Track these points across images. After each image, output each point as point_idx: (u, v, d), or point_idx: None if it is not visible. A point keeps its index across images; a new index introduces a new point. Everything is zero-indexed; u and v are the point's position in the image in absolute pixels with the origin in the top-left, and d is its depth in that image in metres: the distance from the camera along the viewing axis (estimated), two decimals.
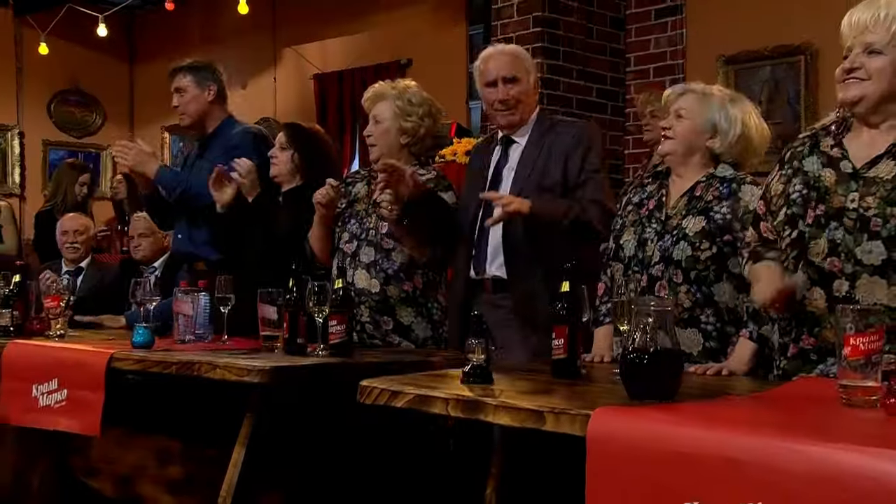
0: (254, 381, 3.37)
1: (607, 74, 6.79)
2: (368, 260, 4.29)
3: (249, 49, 9.39)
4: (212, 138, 5.21)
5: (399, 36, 8.57)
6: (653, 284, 3.35)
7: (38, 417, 4.12)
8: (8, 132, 10.23)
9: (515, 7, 6.51)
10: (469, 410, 2.56)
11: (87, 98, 10.58)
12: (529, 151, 4.11)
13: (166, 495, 4.24)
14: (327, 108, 9.13)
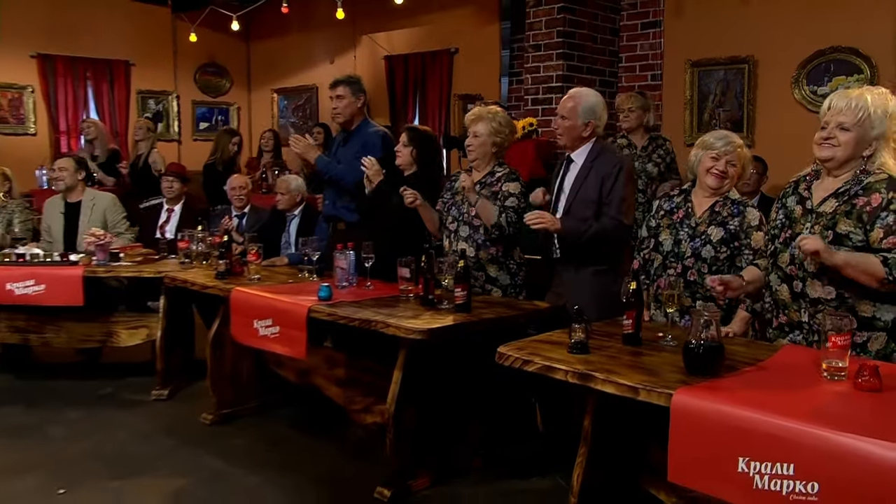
0: (417, 337, 3.50)
1: (606, 69, 6.78)
2: (465, 234, 4.37)
3: (336, 36, 9.27)
4: (353, 134, 5.12)
5: (449, 29, 8.42)
6: (685, 272, 3.46)
7: (259, 342, 4.29)
8: (168, 96, 10.16)
9: (543, 23, 6.49)
10: (583, 379, 2.76)
11: (220, 69, 10.48)
12: (581, 171, 4.08)
13: (333, 387, 4.43)
14: (395, 81, 8.95)
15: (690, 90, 6.46)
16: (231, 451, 4.37)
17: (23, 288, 5.02)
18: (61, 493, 3.88)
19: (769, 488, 2.23)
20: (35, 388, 5.50)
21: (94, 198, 6.13)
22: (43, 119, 9.37)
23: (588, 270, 4.03)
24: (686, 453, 2.44)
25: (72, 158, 6.23)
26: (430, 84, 8.62)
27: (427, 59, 8.61)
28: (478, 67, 8.24)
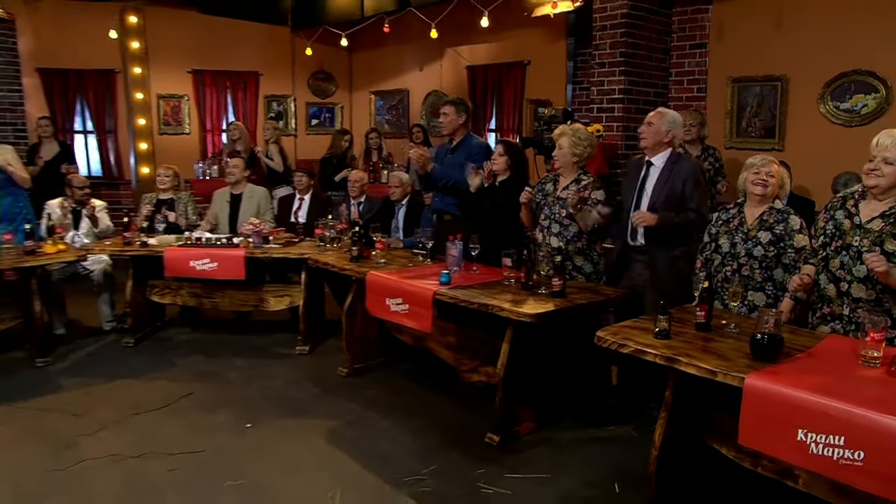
0: (527, 320, 3.67)
1: (658, 83, 6.78)
2: (556, 231, 4.47)
3: (425, 48, 9.23)
4: (458, 146, 5.23)
5: (523, 44, 8.37)
6: (740, 269, 3.60)
7: (391, 315, 4.46)
8: (287, 99, 10.34)
9: (608, 44, 6.53)
10: (669, 362, 2.96)
11: (327, 75, 10.59)
12: (662, 174, 4.14)
13: (445, 350, 4.60)
14: (475, 88, 8.91)
15: (730, 102, 6.47)
16: (365, 399, 4.64)
17: (201, 265, 5.37)
18: (248, 426, 4.21)
19: (823, 454, 2.43)
20: (209, 340, 5.87)
21: (252, 191, 6.41)
22: (195, 121, 9.73)
23: (667, 254, 4.13)
24: (754, 424, 2.63)
25: (242, 159, 6.48)
26: (506, 91, 8.63)
27: (503, 69, 8.60)
28: (547, 76, 8.25)
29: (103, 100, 9.36)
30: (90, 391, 4.77)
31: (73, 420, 4.30)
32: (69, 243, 5.59)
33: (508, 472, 3.67)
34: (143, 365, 5.28)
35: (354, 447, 3.96)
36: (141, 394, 4.71)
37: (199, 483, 3.55)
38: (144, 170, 9.24)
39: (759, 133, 6.25)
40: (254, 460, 3.79)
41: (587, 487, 3.55)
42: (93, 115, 9.39)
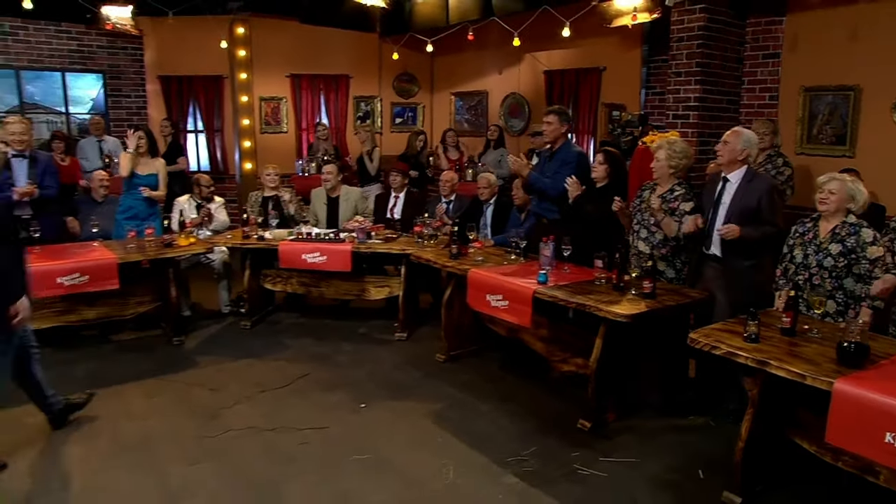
0: (622, 320, 3.81)
1: (731, 90, 6.75)
2: (644, 236, 4.56)
3: (505, 53, 9.27)
4: (557, 152, 5.26)
5: (599, 51, 8.37)
6: (811, 278, 3.69)
7: (491, 310, 4.60)
8: (374, 99, 10.51)
9: (684, 55, 6.56)
10: (760, 364, 3.09)
11: (411, 77, 10.75)
12: (738, 190, 4.18)
13: (537, 342, 4.75)
14: (553, 92, 8.95)
15: (802, 110, 6.42)
16: (462, 384, 4.87)
17: (312, 258, 5.66)
18: (363, 406, 4.49)
19: None
20: (315, 325, 6.20)
21: (348, 193, 6.68)
22: (292, 121, 10.07)
23: (741, 264, 4.17)
24: (842, 425, 2.76)
25: (335, 165, 6.73)
26: (582, 94, 8.67)
27: (580, 74, 8.64)
28: (621, 81, 8.27)
29: (212, 102, 9.78)
30: (221, 368, 5.13)
31: (212, 394, 4.65)
32: (197, 236, 5.94)
33: (601, 456, 3.86)
34: (261, 346, 5.62)
35: (459, 428, 4.19)
36: (264, 373, 5.03)
37: (329, 456, 3.84)
38: (247, 165, 9.64)
39: (830, 140, 6.21)
40: (372, 437, 4.06)
41: (673, 472, 3.71)
42: (203, 115, 9.84)
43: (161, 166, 6.21)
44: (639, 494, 3.48)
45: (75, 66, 9.21)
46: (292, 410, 4.41)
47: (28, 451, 3.90)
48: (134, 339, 5.78)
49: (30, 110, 9.03)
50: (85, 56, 9.23)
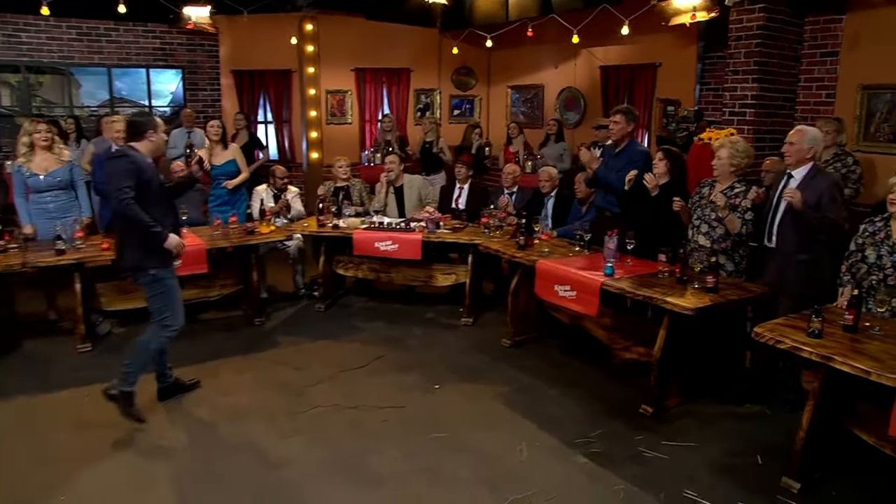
0: (688, 313, 3.88)
1: (788, 88, 6.71)
2: (704, 231, 4.60)
3: (561, 49, 9.28)
4: (623, 149, 5.33)
5: (655, 47, 8.31)
6: (886, 279, 3.69)
7: (558, 300, 4.72)
8: (433, 92, 10.69)
9: (742, 53, 6.53)
10: (825, 360, 3.15)
11: (469, 70, 10.82)
12: (800, 185, 4.17)
13: (600, 330, 4.85)
14: (608, 87, 8.95)
15: (860, 109, 6.34)
16: (528, 368, 5.00)
17: (384, 246, 5.85)
18: (437, 388, 4.67)
19: None
20: (384, 309, 6.39)
21: (410, 181, 6.84)
22: (356, 112, 10.28)
23: (797, 258, 4.18)
24: None
25: (397, 155, 6.90)
26: (637, 90, 8.66)
27: (636, 70, 8.61)
28: (677, 77, 8.23)
29: (281, 95, 10.03)
30: (301, 349, 5.36)
31: (296, 373, 4.88)
32: (276, 224, 6.18)
33: (663, 440, 3.97)
34: (336, 328, 5.84)
35: (528, 410, 4.34)
36: (341, 354, 5.25)
37: (409, 433, 4.03)
38: (314, 154, 9.87)
39: (888, 138, 6.13)
40: (448, 416, 4.24)
41: (732, 456, 3.80)
42: (272, 107, 10.10)
43: (235, 150, 6.48)
44: (700, 476, 3.58)
45: (158, 63, 9.56)
46: (371, 390, 4.61)
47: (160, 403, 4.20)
48: (218, 319, 6.04)
49: (118, 104, 9.43)
50: (167, 53, 9.57)
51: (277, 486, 3.48)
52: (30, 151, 5.57)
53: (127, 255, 4.10)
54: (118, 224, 4.14)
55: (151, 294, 4.16)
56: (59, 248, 5.18)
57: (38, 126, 5.60)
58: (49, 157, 5.61)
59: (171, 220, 4.20)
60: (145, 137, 4.06)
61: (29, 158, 5.56)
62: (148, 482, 3.54)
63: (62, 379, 4.82)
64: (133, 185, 3.88)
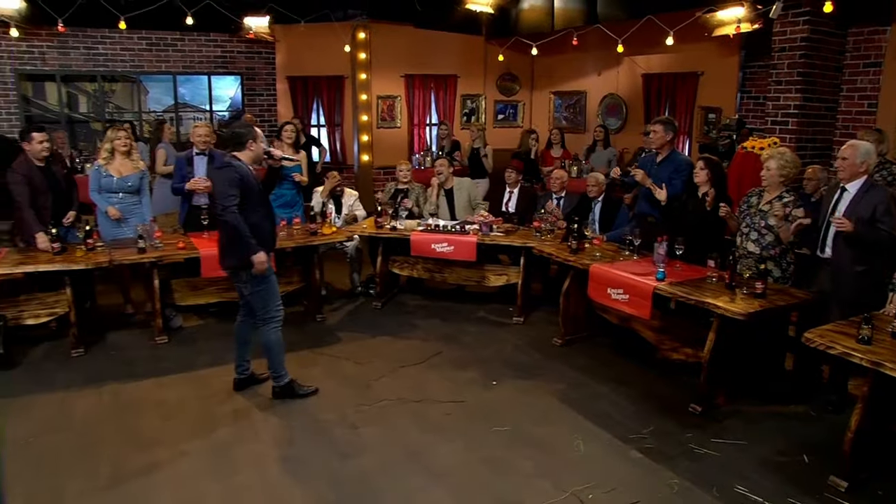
0: (739, 318, 3.94)
1: (830, 98, 6.72)
2: (754, 238, 4.65)
3: (604, 56, 9.43)
4: (665, 160, 5.41)
5: (697, 56, 8.38)
6: None
7: (611, 302, 4.79)
8: (479, 97, 10.84)
9: (786, 64, 6.56)
10: (875, 366, 3.22)
11: (513, 77, 10.96)
12: (855, 198, 4.20)
13: (648, 331, 4.92)
14: (650, 94, 9.02)
15: None
16: (580, 367, 5.10)
17: (441, 247, 6.00)
18: (494, 383, 4.81)
19: None
20: (437, 307, 6.54)
21: (460, 183, 6.97)
22: (405, 117, 10.46)
23: (852, 269, 4.18)
24: None
25: (447, 160, 7.03)
26: (679, 97, 8.70)
27: (678, 78, 8.66)
28: (718, 85, 8.26)
29: (334, 100, 10.26)
30: (362, 344, 5.54)
31: (359, 367, 5.06)
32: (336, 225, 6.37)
33: (713, 437, 4.05)
34: (393, 325, 6.01)
35: (582, 406, 4.45)
36: (400, 350, 5.42)
37: (471, 426, 4.17)
38: (364, 157, 10.09)
39: None
40: (506, 411, 4.38)
41: (779, 455, 3.87)
42: (325, 112, 10.33)
43: (303, 157, 6.72)
44: (750, 473, 3.66)
45: (219, 70, 9.85)
46: (432, 385, 4.77)
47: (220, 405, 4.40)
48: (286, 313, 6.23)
49: (181, 108, 9.73)
50: (227, 61, 9.86)
51: (352, 474, 3.65)
52: (110, 156, 5.84)
53: (227, 258, 4.33)
54: (220, 228, 4.36)
55: (252, 291, 4.36)
56: (141, 247, 5.42)
57: (118, 133, 5.87)
58: (126, 163, 5.87)
59: (270, 222, 4.43)
60: (247, 147, 4.28)
61: (109, 161, 5.84)
62: (232, 467, 3.73)
63: (145, 368, 5.07)
64: (238, 194, 4.10)
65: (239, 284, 4.41)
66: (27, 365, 5.19)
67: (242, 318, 4.62)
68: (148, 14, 8.20)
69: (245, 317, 4.61)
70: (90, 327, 5.68)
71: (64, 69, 9.13)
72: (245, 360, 4.68)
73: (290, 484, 3.57)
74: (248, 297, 4.40)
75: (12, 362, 5.15)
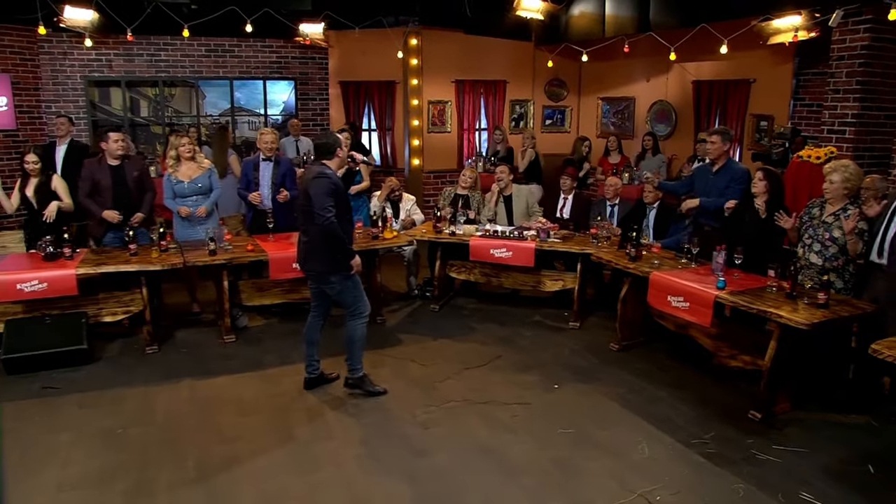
0: (802, 328, 4.03)
1: (888, 106, 6.61)
2: (817, 249, 4.71)
3: (654, 62, 9.46)
4: (721, 170, 5.52)
5: (750, 63, 8.30)
6: None
7: (671, 310, 4.91)
8: (527, 103, 10.93)
9: (844, 73, 6.56)
10: None
11: (560, 82, 11.03)
12: None
13: (705, 338, 4.97)
14: (700, 101, 9.01)
15: None
16: (638, 371, 5.23)
17: (499, 253, 6.18)
18: (556, 387, 4.96)
19: None
20: (493, 311, 6.71)
21: (519, 190, 7.13)
22: (455, 122, 10.63)
23: None
24: None
25: (507, 167, 7.20)
26: (730, 105, 8.68)
27: (729, 86, 8.64)
28: (770, 93, 8.22)
29: (385, 104, 10.48)
30: (424, 346, 5.74)
31: (423, 369, 5.26)
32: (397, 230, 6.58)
33: (774, 444, 4.15)
34: (452, 328, 6.20)
35: (642, 410, 4.59)
36: (462, 352, 5.60)
37: (538, 428, 4.34)
38: (415, 161, 10.31)
39: None
40: (570, 413, 4.54)
41: (843, 464, 3.94)
42: (376, 116, 10.56)
43: None
44: (814, 481, 3.75)
45: (273, 75, 10.17)
46: (495, 387, 4.94)
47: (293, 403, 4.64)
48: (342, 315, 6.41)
49: (237, 112, 10.05)
50: (282, 66, 10.17)
51: (429, 471, 3.84)
52: (176, 163, 6.14)
53: (317, 262, 4.57)
54: (312, 234, 4.55)
55: (340, 291, 4.61)
56: (212, 249, 5.69)
57: (181, 140, 6.20)
58: (192, 166, 6.18)
59: (352, 224, 4.74)
60: (335, 155, 4.52)
61: (176, 168, 6.14)
62: (311, 463, 3.94)
63: (217, 366, 5.35)
64: (334, 203, 4.34)
65: (323, 286, 4.63)
66: (107, 360, 5.50)
67: (313, 320, 4.85)
68: (208, 22, 8.51)
69: (315, 318, 4.84)
70: (159, 325, 5.96)
71: (129, 75, 9.53)
72: (315, 360, 4.90)
73: (369, 480, 3.77)
74: (337, 296, 4.63)
75: (94, 357, 5.45)
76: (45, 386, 4.99)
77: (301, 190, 4.66)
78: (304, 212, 4.52)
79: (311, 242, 4.54)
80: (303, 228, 4.62)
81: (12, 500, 3.58)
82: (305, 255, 4.63)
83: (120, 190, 5.91)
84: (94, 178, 5.86)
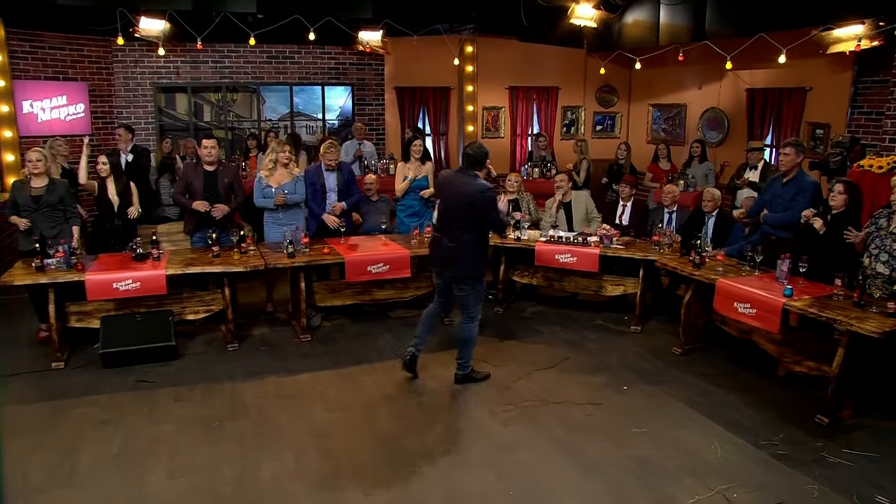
0: (874, 336, 4.16)
1: None
2: (884, 259, 4.82)
3: (706, 70, 9.61)
4: (791, 180, 5.61)
5: (806, 71, 8.39)
6: None
7: (737, 316, 5.05)
8: (578, 109, 11.17)
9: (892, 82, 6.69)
10: None
11: (611, 89, 11.24)
12: None
13: (769, 344, 5.12)
14: (754, 109, 9.10)
15: None
16: (702, 375, 5.41)
17: (564, 258, 6.40)
18: (625, 388, 5.19)
19: None
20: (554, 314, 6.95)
21: (577, 197, 7.34)
22: (508, 128, 10.91)
23: None
24: None
25: (566, 174, 7.42)
26: (785, 113, 8.75)
27: (784, 93, 8.72)
28: (827, 101, 8.25)
29: (439, 110, 10.79)
30: (493, 347, 5.99)
31: (497, 369, 5.51)
32: None
33: (844, 448, 4.31)
34: (517, 330, 6.44)
35: (711, 413, 4.79)
36: (530, 354, 5.85)
37: (612, 427, 4.57)
38: None
39: None
40: (641, 414, 4.76)
41: None
42: (431, 121, 10.87)
43: (430, 168, 7.25)
44: (888, 486, 3.89)
45: (331, 81, 10.54)
46: (567, 387, 5.18)
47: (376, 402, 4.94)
48: (409, 317, 6.75)
49: (295, 117, 10.43)
50: (339, 72, 10.53)
51: (513, 467, 4.10)
52: (273, 167, 6.49)
53: (460, 267, 4.95)
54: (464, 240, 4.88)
55: (467, 294, 5.01)
56: (290, 252, 6.02)
57: (284, 147, 6.56)
58: (284, 172, 6.54)
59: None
60: (485, 165, 4.86)
61: (271, 173, 6.49)
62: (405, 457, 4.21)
63: (297, 364, 5.66)
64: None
65: (459, 287, 5.01)
66: (191, 357, 5.85)
67: (435, 307, 5.31)
68: (271, 30, 8.90)
69: (437, 307, 5.30)
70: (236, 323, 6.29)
71: (194, 81, 9.97)
72: (423, 341, 5.29)
73: (461, 475, 4.02)
74: (465, 297, 5.01)
75: (179, 354, 5.81)
76: (139, 380, 5.34)
77: (445, 196, 5.02)
78: (455, 217, 4.88)
79: (461, 248, 4.88)
80: (450, 234, 4.93)
81: (126, 484, 3.89)
82: (448, 259, 4.96)
83: (210, 195, 6.28)
84: (188, 179, 6.32)
